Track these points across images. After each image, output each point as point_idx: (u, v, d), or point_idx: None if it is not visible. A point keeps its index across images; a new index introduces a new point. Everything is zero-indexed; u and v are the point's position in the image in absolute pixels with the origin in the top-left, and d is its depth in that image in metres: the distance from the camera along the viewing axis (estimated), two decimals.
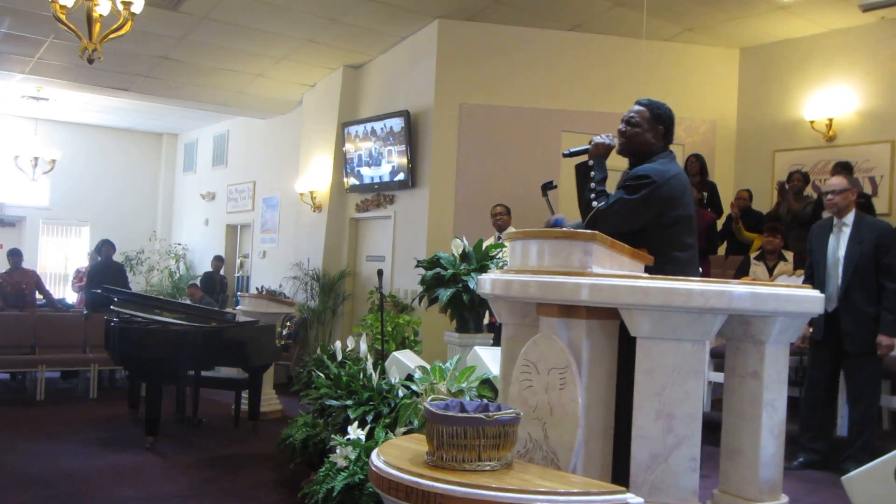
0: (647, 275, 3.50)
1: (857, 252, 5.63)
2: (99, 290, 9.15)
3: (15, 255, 11.12)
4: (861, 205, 8.10)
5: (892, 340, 5.56)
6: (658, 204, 3.78)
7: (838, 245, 5.75)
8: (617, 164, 4.28)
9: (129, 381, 8.42)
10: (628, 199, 3.77)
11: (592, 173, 4.00)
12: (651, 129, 4.08)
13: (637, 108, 4.14)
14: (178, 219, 17.73)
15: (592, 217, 3.83)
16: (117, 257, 12.47)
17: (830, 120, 9.52)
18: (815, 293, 3.55)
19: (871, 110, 9.31)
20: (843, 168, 8.39)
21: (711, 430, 3.79)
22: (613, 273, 3.41)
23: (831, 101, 9.54)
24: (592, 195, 3.90)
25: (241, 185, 15.04)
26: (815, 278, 5.84)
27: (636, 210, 3.77)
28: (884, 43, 9.23)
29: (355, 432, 4.56)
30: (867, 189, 9.07)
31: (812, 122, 9.65)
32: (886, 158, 9.15)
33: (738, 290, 3.25)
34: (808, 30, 9.63)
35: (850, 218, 5.76)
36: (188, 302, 11.52)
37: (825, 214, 6.22)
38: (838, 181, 5.82)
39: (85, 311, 10.55)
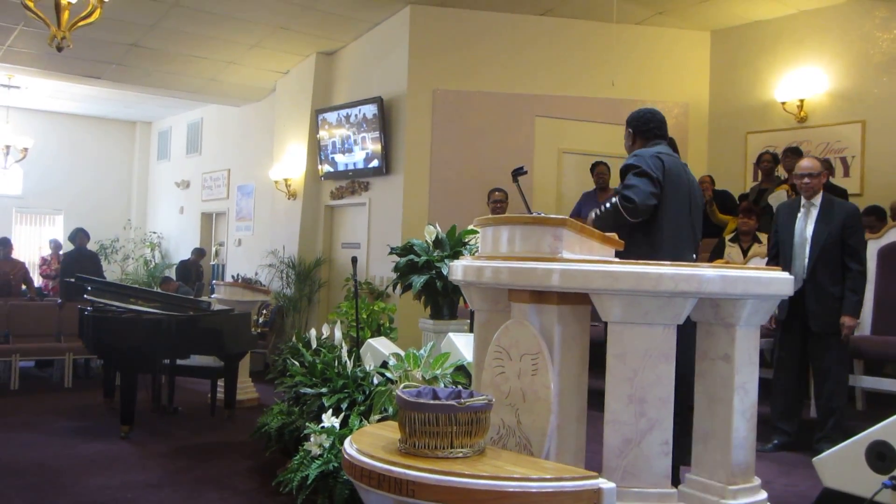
0: (617, 259, 3.51)
1: (825, 233, 5.67)
2: (72, 279, 9.08)
3: (4, 245, 11.04)
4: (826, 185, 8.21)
5: (854, 321, 5.63)
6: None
7: (805, 225, 5.78)
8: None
9: (104, 371, 8.38)
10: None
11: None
12: (627, 136, 4.86)
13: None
14: (153, 207, 17.62)
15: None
16: (91, 246, 12.37)
17: (802, 101, 9.56)
18: (785, 275, 3.58)
19: (842, 91, 9.37)
20: (794, 153, 8.42)
21: None
22: (584, 258, 3.42)
23: (802, 82, 9.58)
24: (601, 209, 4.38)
25: (215, 173, 14.95)
26: (780, 258, 5.87)
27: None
28: (853, 23, 9.28)
29: (330, 420, 4.56)
30: (839, 170, 9.14)
31: (784, 104, 9.70)
32: (857, 138, 9.21)
33: (707, 274, 3.26)
34: (778, 11, 9.65)
35: (818, 199, 5.79)
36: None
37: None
38: (811, 164, 5.85)
39: (59, 300, 10.47)
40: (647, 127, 4.70)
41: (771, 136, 9.82)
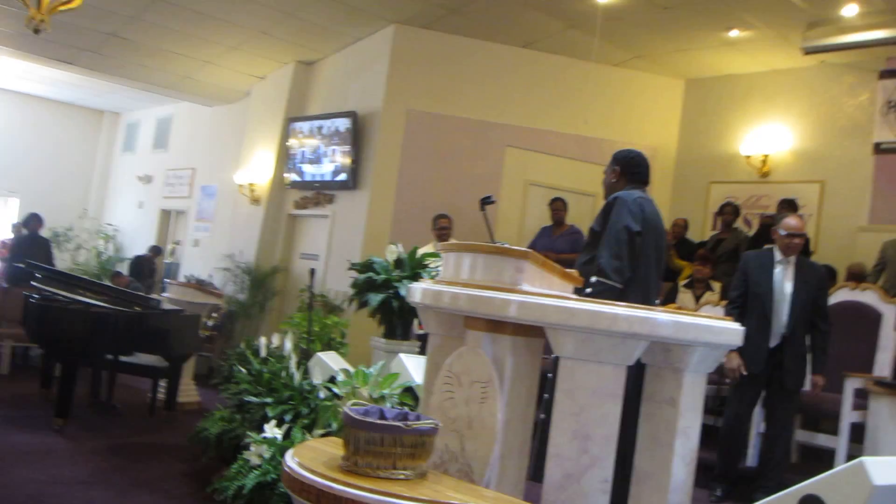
0: (574, 296, 3.54)
1: (804, 292, 5.71)
2: (22, 264, 8.92)
3: None
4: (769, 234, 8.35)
5: (825, 380, 5.74)
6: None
7: (784, 282, 5.77)
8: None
9: (44, 361, 8.21)
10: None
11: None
12: (610, 171, 4.84)
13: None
14: (112, 199, 17.40)
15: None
16: (45, 232, 12.18)
17: (765, 156, 9.77)
18: (736, 326, 3.62)
19: (805, 150, 9.58)
20: (790, 206, 8.54)
21: None
22: (542, 292, 3.44)
23: (768, 138, 9.79)
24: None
25: (180, 171, 14.82)
26: (750, 310, 5.80)
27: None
28: (822, 86, 9.51)
29: (272, 431, 4.53)
30: None
31: (748, 157, 9.89)
32: (815, 198, 9.42)
33: (661, 318, 3.30)
34: (751, 67, 9.86)
35: (794, 257, 5.82)
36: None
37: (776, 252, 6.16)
38: (801, 224, 5.87)
39: (5, 285, 10.27)
40: (636, 170, 4.79)
41: (733, 188, 10.01)
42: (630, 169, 4.78)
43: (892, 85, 8.98)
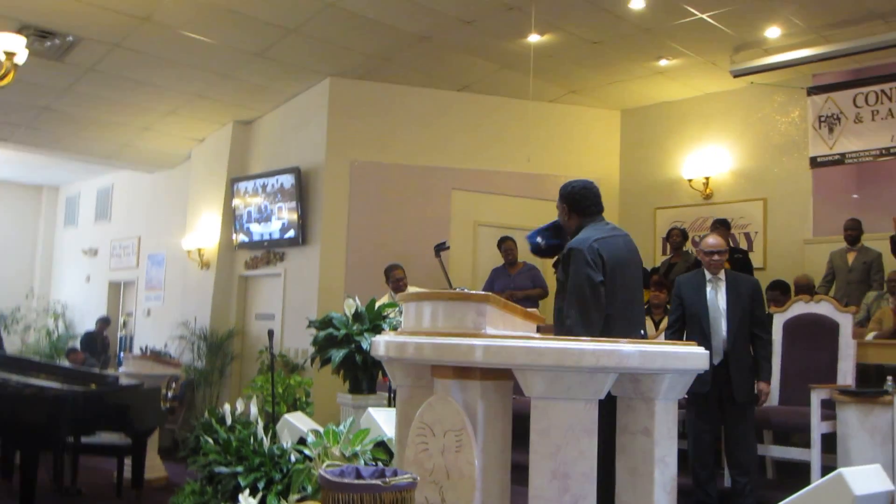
0: (539, 335, 3.56)
1: (738, 305, 5.85)
2: None
3: None
4: (740, 260, 8.48)
5: (768, 387, 5.88)
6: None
7: (717, 299, 5.92)
8: None
9: (2, 450, 7.97)
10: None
11: None
12: (561, 210, 4.57)
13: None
14: (58, 275, 17.06)
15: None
16: None
17: (707, 179, 9.95)
18: (701, 350, 3.66)
19: (745, 170, 9.78)
20: (722, 224, 8.73)
21: None
22: (507, 334, 3.45)
23: (707, 160, 9.98)
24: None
25: (125, 241, 14.61)
26: (690, 330, 5.94)
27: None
28: (754, 106, 9.74)
29: (246, 500, 4.43)
30: (743, 244, 9.47)
31: (690, 181, 10.06)
32: (759, 215, 9.60)
33: (626, 349, 3.33)
34: (684, 93, 10.07)
35: (722, 273, 5.99)
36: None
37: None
38: (718, 242, 6.08)
39: None
40: (583, 203, 4.50)
41: (678, 212, 10.15)
42: (576, 203, 4.53)
43: (820, 100, 9.26)
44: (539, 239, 5.03)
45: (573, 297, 4.18)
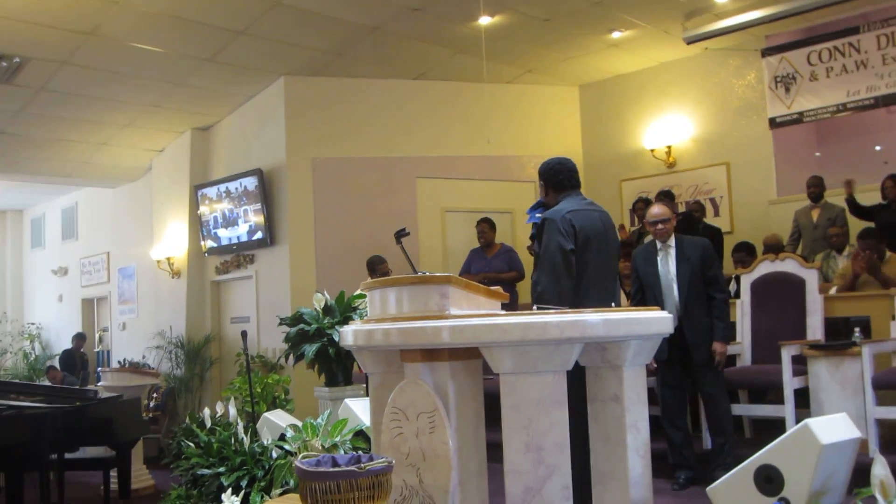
0: (503, 312, 3.58)
1: (688, 270, 5.93)
2: None
3: None
4: (693, 219, 8.56)
5: (724, 346, 5.88)
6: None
7: (667, 266, 6.02)
8: None
9: None
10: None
11: None
12: (541, 188, 4.85)
13: None
14: (30, 297, 16.94)
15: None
16: None
17: (669, 147, 10.01)
18: (664, 314, 3.70)
19: (706, 136, 9.85)
20: (666, 196, 8.81)
21: None
22: (471, 313, 3.48)
23: (668, 129, 10.05)
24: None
25: (94, 258, 14.53)
26: (646, 300, 6.05)
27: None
28: (710, 72, 9.81)
29: (230, 499, 4.44)
30: (709, 210, 9.54)
31: (653, 151, 10.13)
32: (723, 180, 9.69)
33: (590, 319, 3.36)
34: (639, 64, 10.13)
35: (672, 241, 6.06)
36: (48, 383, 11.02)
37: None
38: (661, 210, 6.14)
39: None
40: (557, 178, 4.72)
41: (643, 183, 10.22)
42: (552, 179, 4.74)
43: (775, 61, 9.33)
44: (538, 215, 5.25)
45: (545, 263, 4.42)
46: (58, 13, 7.55)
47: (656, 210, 6.16)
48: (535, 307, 4.30)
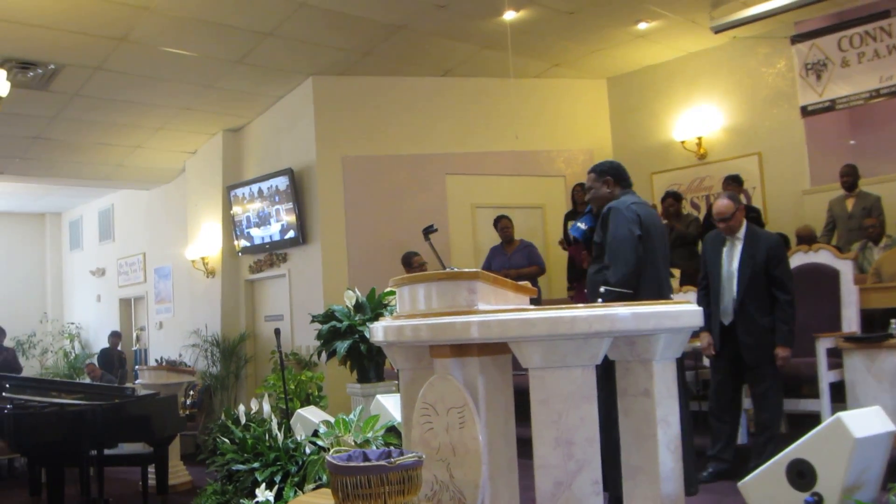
0: (532, 307, 3.59)
1: (750, 265, 5.72)
2: None
3: None
4: (752, 219, 8.44)
5: (787, 351, 5.66)
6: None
7: (731, 259, 5.84)
8: None
9: (29, 468, 8.08)
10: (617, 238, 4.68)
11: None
12: (601, 183, 5.11)
13: (587, 176, 5.25)
14: (69, 298, 17.23)
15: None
16: (8, 342, 12.04)
17: (700, 138, 9.95)
18: (693, 307, 3.68)
19: (737, 125, 9.78)
20: (734, 181, 8.65)
21: None
22: (500, 308, 3.49)
23: (698, 120, 9.98)
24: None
25: (130, 258, 14.73)
26: (710, 290, 5.94)
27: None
28: (739, 60, 9.73)
29: (263, 494, 4.51)
30: (742, 200, 9.46)
31: (683, 142, 10.07)
32: (756, 170, 9.60)
33: (619, 312, 3.35)
34: (668, 55, 10.07)
35: (742, 232, 5.86)
36: (87, 381, 11.20)
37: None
38: (725, 206, 5.88)
39: None
40: (624, 175, 5.12)
41: (674, 175, 10.16)
42: (620, 176, 5.11)
43: (805, 48, 9.22)
44: (581, 225, 5.76)
45: (615, 248, 4.68)
46: (90, 20, 7.68)
47: (718, 208, 5.91)
48: (602, 289, 4.45)
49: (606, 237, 4.74)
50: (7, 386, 7.77)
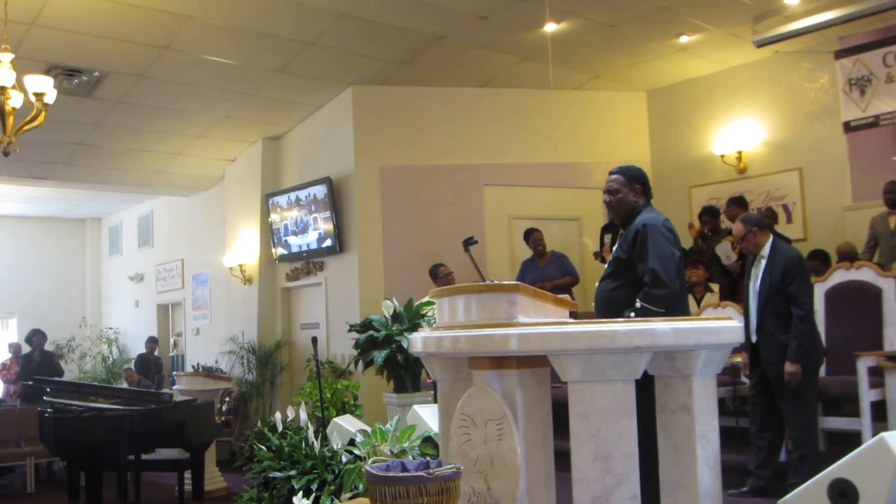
0: (572, 320, 3.59)
1: (768, 283, 5.72)
2: (31, 382, 8.95)
3: None
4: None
5: (795, 367, 5.58)
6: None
7: (757, 277, 5.85)
8: None
9: (68, 472, 8.15)
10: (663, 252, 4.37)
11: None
12: (629, 190, 4.65)
13: (613, 177, 4.72)
14: (108, 303, 17.44)
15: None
16: (48, 346, 12.22)
17: (740, 153, 9.87)
18: (734, 324, 3.66)
19: (777, 140, 9.68)
20: (735, 203, 8.68)
21: None
22: (539, 321, 3.48)
23: (739, 134, 9.90)
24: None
25: (169, 264, 14.89)
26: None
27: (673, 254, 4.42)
28: (781, 75, 9.65)
29: (301, 502, 4.53)
30: (781, 217, 9.37)
31: (723, 156, 10.00)
32: (796, 185, 9.50)
33: (660, 328, 3.34)
34: (709, 68, 10.01)
35: (766, 249, 5.84)
36: (125, 386, 11.32)
37: None
38: (736, 230, 6.00)
39: (19, 404, 10.28)
40: (649, 185, 4.78)
41: (713, 189, 10.09)
42: (648, 186, 4.76)
43: (849, 63, 9.11)
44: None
45: (662, 269, 4.32)
46: (134, 28, 7.80)
47: (734, 230, 6.02)
48: (638, 304, 4.33)
49: (635, 253, 4.44)
50: (48, 390, 7.89)
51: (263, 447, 5.58)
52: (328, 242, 10.04)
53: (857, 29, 8.96)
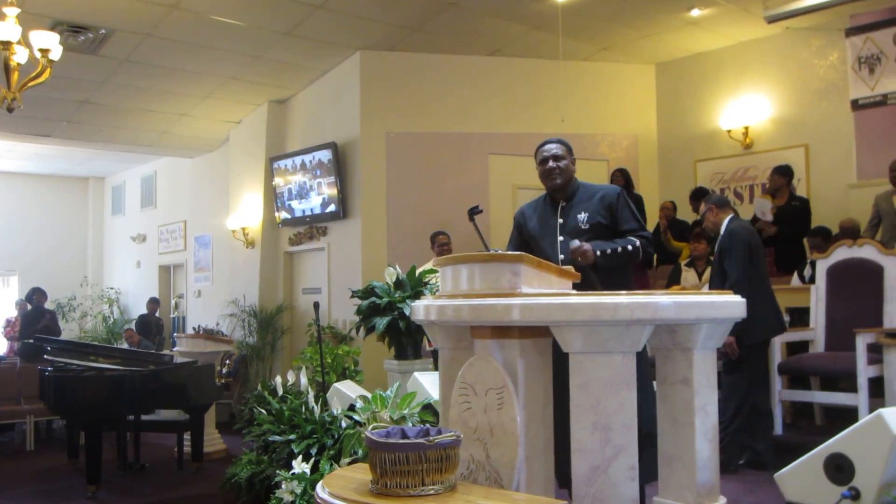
0: (574, 291, 3.59)
1: (716, 262, 6.06)
2: (31, 340, 8.98)
3: None
4: (795, 209, 8.45)
5: (730, 338, 5.67)
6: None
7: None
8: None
9: (68, 431, 8.28)
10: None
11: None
12: (570, 159, 4.88)
13: (553, 145, 4.89)
14: (109, 262, 17.47)
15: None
16: (48, 304, 12.24)
17: (746, 128, 9.84)
18: (736, 298, 3.67)
19: (784, 117, 9.65)
20: (696, 195, 8.93)
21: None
22: (542, 292, 3.49)
23: (746, 109, 9.86)
24: (620, 248, 4.44)
25: (171, 226, 14.89)
26: None
27: None
28: (791, 51, 9.59)
29: (300, 466, 4.57)
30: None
31: (729, 131, 9.97)
32: (802, 162, 9.48)
33: (662, 301, 3.34)
34: (718, 43, 9.95)
35: (723, 228, 6.12)
36: (125, 346, 11.36)
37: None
38: (701, 209, 6.37)
39: (18, 362, 10.33)
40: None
41: (719, 164, 10.08)
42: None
43: (859, 41, 9.07)
44: None
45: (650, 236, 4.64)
46: None
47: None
48: (637, 242, 4.52)
49: (620, 215, 4.65)
50: (48, 349, 7.92)
51: (263, 411, 5.62)
52: (332, 208, 10.03)
53: (869, 7, 8.91)
